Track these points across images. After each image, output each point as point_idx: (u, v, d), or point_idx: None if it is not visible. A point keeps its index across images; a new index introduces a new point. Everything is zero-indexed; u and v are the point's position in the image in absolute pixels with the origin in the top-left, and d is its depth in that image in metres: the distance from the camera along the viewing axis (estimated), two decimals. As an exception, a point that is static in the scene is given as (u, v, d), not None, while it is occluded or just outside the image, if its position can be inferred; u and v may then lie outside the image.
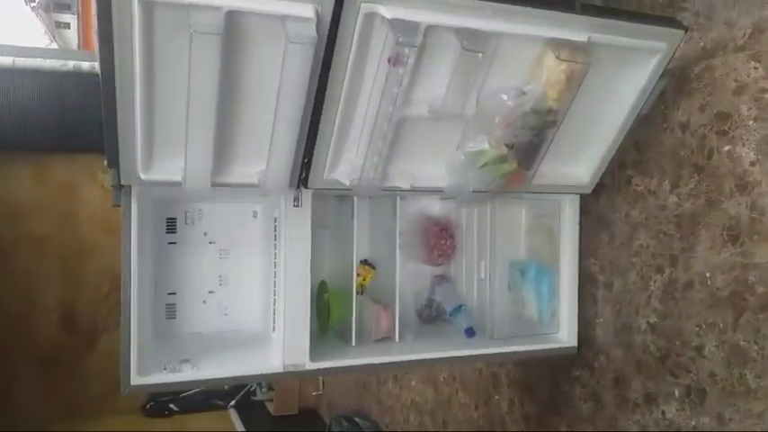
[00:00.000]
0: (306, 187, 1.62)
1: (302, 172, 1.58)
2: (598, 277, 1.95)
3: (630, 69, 1.62)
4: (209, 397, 4.49)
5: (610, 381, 1.92)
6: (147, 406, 4.37)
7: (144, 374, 1.53)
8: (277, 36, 1.26)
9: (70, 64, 4.02)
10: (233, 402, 4.46)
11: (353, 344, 1.81)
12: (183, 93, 1.27)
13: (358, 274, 1.91)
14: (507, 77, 1.52)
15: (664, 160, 1.73)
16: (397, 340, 1.86)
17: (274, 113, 1.38)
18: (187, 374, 1.57)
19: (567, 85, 1.49)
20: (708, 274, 1.61)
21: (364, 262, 2.04)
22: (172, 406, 4.42)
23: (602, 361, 1.94)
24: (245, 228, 1.94)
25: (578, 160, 1.82)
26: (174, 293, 1.87)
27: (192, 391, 4.46)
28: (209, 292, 1.91)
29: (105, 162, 1.43)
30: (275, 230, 1.76)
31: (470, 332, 1.90)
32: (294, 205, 1.67)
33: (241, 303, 1.92)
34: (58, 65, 3.99)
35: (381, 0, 1.30)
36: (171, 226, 1.88)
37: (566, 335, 1.97)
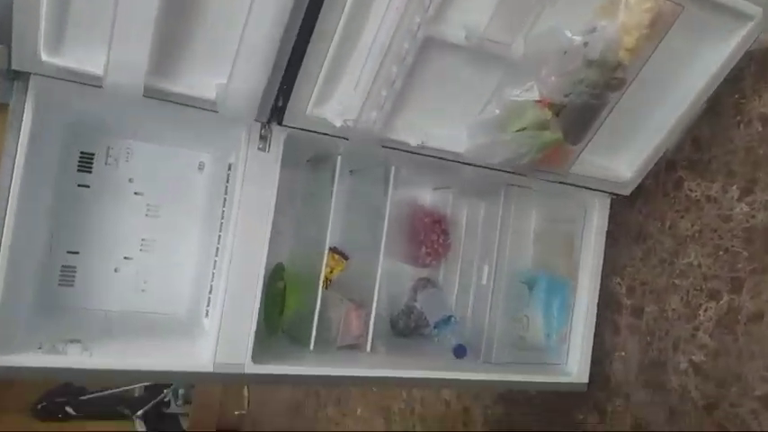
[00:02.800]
0: (280, 123, 1.19)
1: (278, 99, 1.15)
2: (623, 300, 1.57)
3: (713, 38, 1.27)
4: (115, 403, 3.87)
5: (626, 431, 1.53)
6: (39, 406, 3.73)
7: (5, 352, 1.04)
8: None
9: None
10: (140, 412, 3.85)
11: (311, 348, 1.36)
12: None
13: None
14: (569, 15, 1.14)
15: (734, 160, 1.38)
16: (368, 350, 1.43)
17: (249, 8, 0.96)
18: (72, 359, 1.07)
19: (648, 32, 1.12)
20: (786, 306, 1.25)
21: (333, 250, 1.61)
22: (68, 409, 3.78)
23: (617, 405, 1.55)
24: (185, 180, 1.48)
25: (621, 151, 1.46)
26: (77, 253, 1.38)
27: (95, 394, 3.84)
28: (125, 257, 1.42)
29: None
30: (227, 184, 1.32)
31: (461, 351, 1.48)
32: (259, 148, 1.22)
33: (166, 278, 1.44)
34: None
35: None
36: (86, 163, 1.39)
37: (575, 367, 1.56)
